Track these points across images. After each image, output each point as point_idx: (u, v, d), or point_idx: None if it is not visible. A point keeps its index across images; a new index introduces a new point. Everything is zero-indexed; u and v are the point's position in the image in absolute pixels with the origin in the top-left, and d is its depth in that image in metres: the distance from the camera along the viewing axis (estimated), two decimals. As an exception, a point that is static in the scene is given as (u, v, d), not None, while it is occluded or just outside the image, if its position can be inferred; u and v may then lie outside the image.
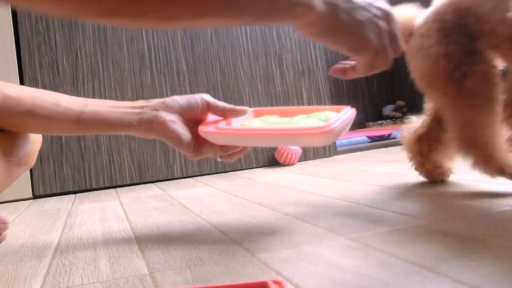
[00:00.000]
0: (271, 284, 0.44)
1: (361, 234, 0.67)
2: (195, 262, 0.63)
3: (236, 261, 0.62)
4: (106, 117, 0.71)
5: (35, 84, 1.74)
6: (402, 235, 0.65)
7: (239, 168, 1.92)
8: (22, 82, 1.73)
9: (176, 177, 1.85)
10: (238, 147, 0.78)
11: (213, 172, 1.89)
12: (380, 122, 3.35)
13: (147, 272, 0.62)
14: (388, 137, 2.47)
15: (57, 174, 1.74)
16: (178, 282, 0.56)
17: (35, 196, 1.73)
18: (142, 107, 0.73)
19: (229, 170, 1.91)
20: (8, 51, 1.70)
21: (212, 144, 0.75)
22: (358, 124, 3.41)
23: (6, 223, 0.84)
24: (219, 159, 0.81)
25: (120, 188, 1.77)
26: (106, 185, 1.78)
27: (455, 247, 0.57)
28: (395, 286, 0.47)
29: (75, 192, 1.77)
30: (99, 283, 0.60)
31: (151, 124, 0.71)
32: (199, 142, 0.75)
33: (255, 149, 1.94)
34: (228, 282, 0.53)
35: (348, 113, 0.74)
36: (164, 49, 1.88)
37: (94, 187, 1.77)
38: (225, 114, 0.77)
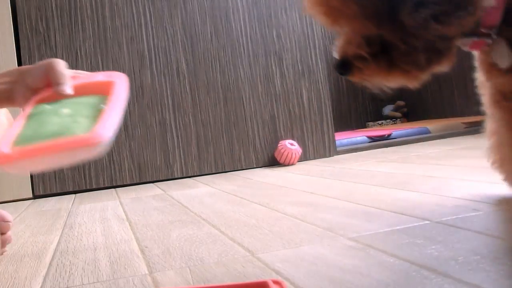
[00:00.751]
0: (271, 284, 0.44)
1: (361, 234, 0.67)
2: (195, 262, 0.63)
3: (236, 261, 0.62)
4: None
5: (35, 84, 1.74)
6: (402, 235, 0.65)
7: (239, 168, 1.92)
8: (22, 82, 1.73)
9: (176, 177, 1.85)
10: None
11: (213, 172, 1.89)
12: (380, 122, 3.35)
13: (147, 272, 0.62)
14: (388, 137, 2.47)
15: (57, 174, 1.74)
16: (178, 282, 0.56)
17: (35, 196, 1.73)
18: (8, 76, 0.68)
19: (229, 170, 1.91)
20: (8, 51, 1.70)
21: None
22: (358, 124, 3.42)
23: (9, 221, 0.82)
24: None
25: (120, 188, 1.77)
26: (106, 185, 1.78)
27: (455, 247, 0.57)
28: (395, 286, 0.47)
29: (75, 192, 1.76)
30: (99, 283, 0.60)
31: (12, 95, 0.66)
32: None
33: (255, 148, 1.94)
34: (228, 282, 0.53)
35: (119, 95, 0.60)
36: (164, 49, 1.88)
37: (94, 187, 1.77)
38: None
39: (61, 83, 0.64)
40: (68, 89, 0.64)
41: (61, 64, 0.66)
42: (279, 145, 1.91)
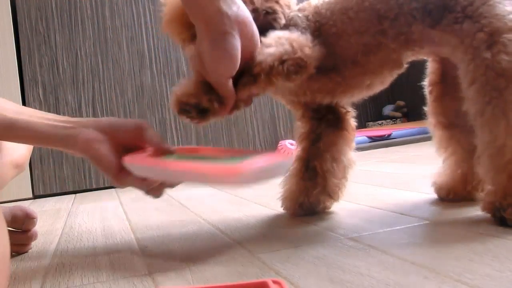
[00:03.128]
0: (271, 284, 0.44)
1: (361, 234, 0.67)
2: (195, 262, 0.63)
3: (236, 261, 0.62)
4: (38, 128, 0.67)
5: (35, 84, 1.74)
6: (402, 235, 0.65)
7: (239, 168, 1.92)
8: (22, 82, 1.73)
9: (176, 177, 1.85)
10: (157, 182, 0.71)
11: (213, 172, 1.89)
12: (380, 122, 3.35)
13: (147, 272, 0.62)
14: (388, 137, 2.47)
15: (57, 174, 1.74)
16: (178, 282, 0.56)
17: (35, 196, 1.72)
18: (74, 123, 0.69)
19: (229, 170, 1.91)
20: (8, 51, 1.70)
21: (135, 177, 0.68)
22: (358, 124, 3.41)
23: (34, 218, 0.82)
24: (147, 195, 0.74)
25: (120, 188, 1.76)
26: (106, 185, 1.78)
27: (455, 247, 0.57)
28: (395, 286, 0.47)
29: (75, 192, 1.76)
30: (99, 283, 0.60)
31: (76, 140, 0.67)
32: (124, 171, 0.68)
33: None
34: (228, 282, 0.53)
35: (278, 159, 0.64)
36: (164, 49, 1.88)
37: (94, 187, 1.77)
38: (153, 147, 0.70)
39: (162, 142, 0.70)
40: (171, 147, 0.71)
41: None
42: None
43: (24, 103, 1.73)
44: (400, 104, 3.55)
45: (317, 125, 0.84)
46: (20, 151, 0.81)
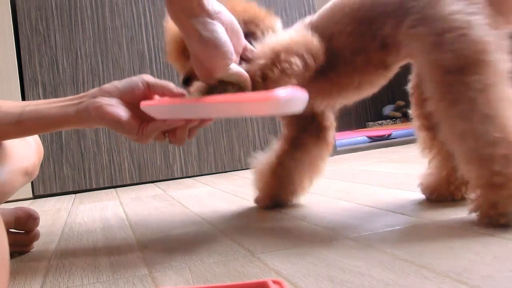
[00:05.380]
0: (271, 284, 0.44)
1: (361, 234, 0.67)
2: (195, 262, 0.63)
3: (236, 261, 0.62)
4: (45, 114, 0.67)
5: (35, 84, 1.74)
6: (402, 235, 0.65)
7: (239, 168, 1.92)
8: (22, 82, 1.73)
9: (176, 177, 1.85)
10: (182, 121, 0.70)
11: (213, 172, 1.89)
12: (380, 122, 3.35)
13: (147, 272, 0.62)
14: (388, 137, 2.47)
15: (57, 174, 1.74)
16: (178, 282, 0.56)
17: (35, 196, 1.73)
18: (80, 97, 0.69)
19: (229, 170, 1.91)
20: (8, 51, 1.70)
21: (155, 121, 0.68)
22: (358, 124, 3.42)
23: (37, 218, 0.82)
24: (169, 142, 0.73)
25: (120, 188, 1.77)
26: (106, 185, 1.78)
27: (455, 247, 0.57)
28: (395, 286, 0.47)
29: (75, 192, 1.76)
30: (99, 283, 0.60)
31: (89, 111, 0.67)
32: (143, 124, 0.69)
33: (255, 148, 1.94)
34: (228, 282, 0.53)
35: (300, 92, 0.63)
36: (164, 49, 1.88)
37: (94, 187, 1.77)
38: (165, 92, 0.71)
39: (173, 87, 0.70)
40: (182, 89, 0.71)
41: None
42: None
43: (24, 103, 1.73)
44: (400, 104, 3.56)
45: (300, 132, 0.94)
46: (30, 159, 0.81)
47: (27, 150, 0.81)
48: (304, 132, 0.94)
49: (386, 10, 0.74)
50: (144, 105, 0.68)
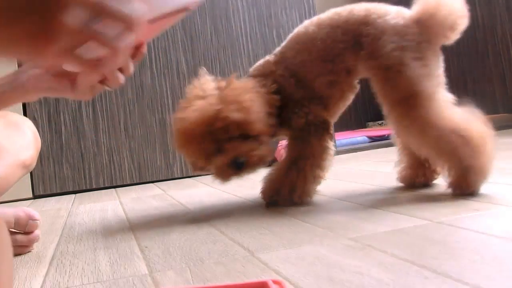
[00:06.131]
0: (271, 284, 0.45)
1: (361, 234, 0.67)
2: (195, 262, 0.63)
3: (236, 261, 0.62)
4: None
5: (35, 84, 1.74)
6: (402, 235, 0.65)
7: (239, 168, 1.92)
8: (22, 82, 1.73)
9: (176, 177, 1.85)
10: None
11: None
12: (380, 122, 3.35)
13: (147, 272, 0.62)
14: (388, 137, 2.47)
15: (57, 174, 1.74)
16: (178, 282, 0.56)
17: (35, 196, 1.73)
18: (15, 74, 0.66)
19: (229, 170, 1.91)
20: (8, 51, 1.70)
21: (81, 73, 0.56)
22: (358, 124, 3.41)
23: (37, 219, 0.82)
24: (107, 88, 0.60)
25: (120, 188, 1.77)
26: (106, 185, 1.78)
27: (456, 247, 0.57)
28: (395, 286, 0.47)
29: (75, 192, 1.76)
30: (99, 283, 0.60)
31: (25, 86, 0.63)
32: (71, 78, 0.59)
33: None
34: (228, 282, 0.53)
35: None
36: (164, 49, 1.88)
37: (94, 187, 1.77)
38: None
39: None
40: None
41: None
42: (279, 145, 1.91)
43: (24, 103, 1.73)
44: (400, 104, 3.56)
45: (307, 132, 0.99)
46: (27, 151, 0.81)
47: (23, 142, 0.80)
48: (310, 132, 1.01)
49: (346, 46, 0.93)
50: None
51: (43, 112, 1.75)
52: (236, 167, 0.89)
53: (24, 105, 1.73)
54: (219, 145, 0.89)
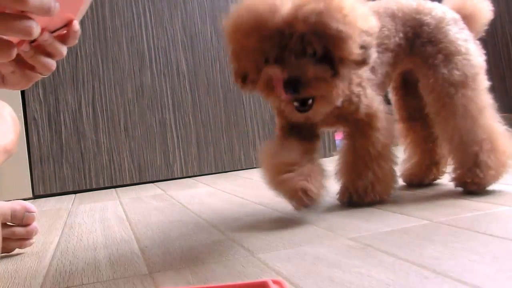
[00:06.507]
0: (271, 284, 0.44)
1: (361, 234, 0.67)
2: (195, 262, 0.63)
3: (236, 261, 0.62)
4: None
5: (35, 84, 1.74)
6: (402, 235, 0.65)
7: (239, 168, 1.92)
8: (22, 82, 1.73)
9: (176, 177, 1.85)
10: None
11: (213, 172, 1.89)
12: (380, 122, 3.36)
13: (147, 272, 0.62)
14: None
15: (57, 174, 1.74)
16: (178, 282, 0.56)
17: (35, 196, 1.72)
18: None
19: (229, 170, 1.91)
20: (8, 51, 1.70)
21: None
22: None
23: (33, 211, 0.81)
24: (40, 75, 0.54)
25: (120, 188, 1.77)
26: (106, 185, 1.78)
27: (455, 247, 0.57)
28: (395, 286, 0.47)
29: (75, 192, 1.76)
30: (99, 283, 0.60)
31: None
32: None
33: (255, 148, 1.94)
34: (228, 282, 0.53)
35: None
36: (164, 49, 1.88)
37: (94, 187, 1.77)
38: None
39: None
40: None
41: None
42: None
43: (24, 103, 1.73)
44: (400, 104, 3.57)
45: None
46: (8, 137, 0.80)
47: (3, 127, 0.80)
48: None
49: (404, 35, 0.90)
50: None
51: (43, 112, 1.75)
52: (293, 90, 0.67)
53: (24, 105, 1.73)
54: (281, 57, 0.69)
